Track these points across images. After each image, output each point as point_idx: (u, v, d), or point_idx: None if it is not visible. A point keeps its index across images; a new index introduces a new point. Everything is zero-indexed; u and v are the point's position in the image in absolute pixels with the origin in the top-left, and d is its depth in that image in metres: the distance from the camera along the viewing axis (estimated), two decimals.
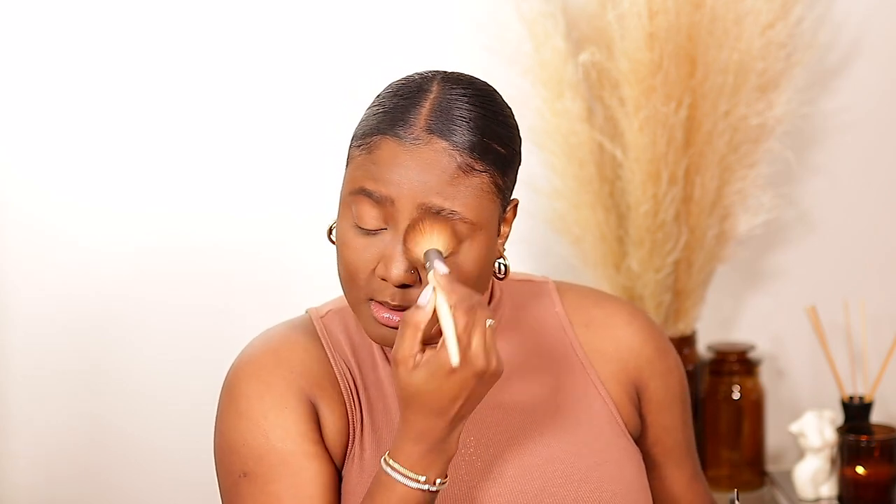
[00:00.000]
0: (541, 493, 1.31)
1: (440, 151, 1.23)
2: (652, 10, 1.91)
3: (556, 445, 1.33)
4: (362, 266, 1.25)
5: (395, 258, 1.23)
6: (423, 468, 1.19)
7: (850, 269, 2.19)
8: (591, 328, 1.42)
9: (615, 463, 1.35)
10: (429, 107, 1.24)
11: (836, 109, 2.16)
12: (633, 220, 1.99)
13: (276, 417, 1.28)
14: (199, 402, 2.02)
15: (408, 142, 1.23)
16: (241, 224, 2.08)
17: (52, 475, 2.08)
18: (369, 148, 1.25)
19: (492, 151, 1.25)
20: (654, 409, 1.42)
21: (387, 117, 1.25)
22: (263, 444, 1.28)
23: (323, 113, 2.06)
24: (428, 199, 1.22)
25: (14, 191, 2.03)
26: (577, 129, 1.98)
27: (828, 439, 1.97)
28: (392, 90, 1.29)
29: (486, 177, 1.24)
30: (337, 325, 1.37)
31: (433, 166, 1.22)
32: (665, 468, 1.46)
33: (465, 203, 1.23)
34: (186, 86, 2.05)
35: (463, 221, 1.23)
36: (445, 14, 2.07)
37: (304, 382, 1.31)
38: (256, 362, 1.32)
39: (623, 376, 1.40)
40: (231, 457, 1.30)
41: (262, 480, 1.27)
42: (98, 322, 2.06)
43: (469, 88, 1.27)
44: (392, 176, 1.23)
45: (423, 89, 1.26)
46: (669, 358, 1.44)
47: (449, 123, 1.23)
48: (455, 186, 1.22)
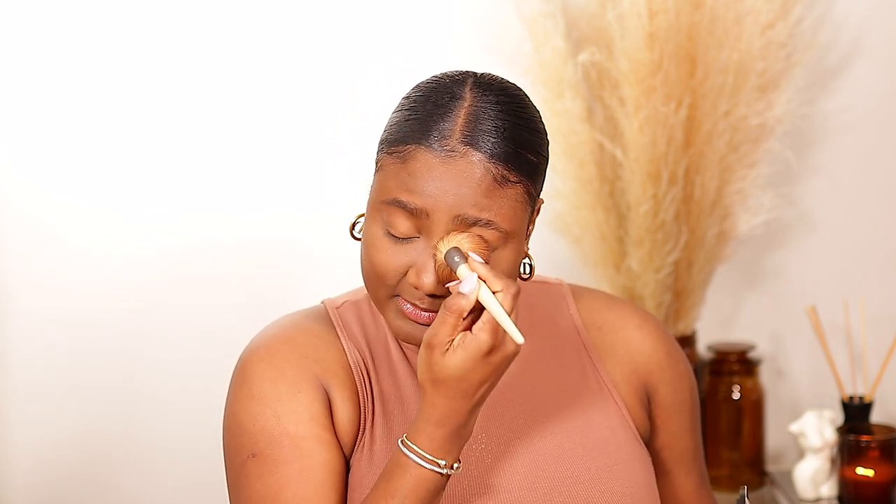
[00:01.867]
0: (550, 492, 1.31)
1: (475, 164, 1.23)
2: (652, 10, 1.91)
3: (567, 446, 1.34)
4: (392, 270, 1.26)
5: (429, 268, 1.24)
6: (444, 452, 1.20)
7: (850, 269, 2.19)
8: (604, 331, 1.43)
9: (625, 465, 1.35)
10: (464, 116, 1.24)
11: (836, 109, 2.16)
12: (633, 220, 1.99)
13: (289, 401, 1.29)
14: (199, 403, 2.03)
15: (443, 154, 1.23)
16: (241, 225, 2.08)
17: (52, 475, 2.08)
18: (403, 158, 1.25)
19: (525, 161, 1.25)
20: (662, 413, 1.43)
21: (420, 126, 1.25)
22: (275, 427, 1.28)
23: (323, 113, 2.06)
24: (463, 211, 1.23)
25: (14, 191, 2.03)
26: (577, 129, 1.98)
27: (828, 439, 1.97)
28: (423, 94, 1.28)
29: (521, 187, 1.25)
30: (352, 316, 1.37)
31: (469, 178, 1.22)
32: (673, 474, 1.46)
33: (500, 213, 1.24)
34: (187, 86, 2.05)
35: (498, 231, 1.24)
36: (445, 14, 2.07)
37: (318, 369, 1.32)
38: (271, 347, 1.32)
39: (634, 379, 1.41)
40: (241, 438, 1.30)
41: (271, 462, 1.27)
42: (98, 322, 2.06)
43: (502, 95, 1.27)
44: (428, 188, 1.23)
45: (456, 97, 1.26)
46: (680, 365, 1.45)
47: (484, 134, 1.23)
48: (490, 198, 1.23)
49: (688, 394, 1.45)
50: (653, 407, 1.43)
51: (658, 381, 1.42)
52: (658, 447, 1.44)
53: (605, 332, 1.43)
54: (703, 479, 1.49)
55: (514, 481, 1.31)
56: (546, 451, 1.33)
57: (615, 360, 1.41)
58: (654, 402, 1.43)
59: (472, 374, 1.18)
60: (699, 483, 1.48)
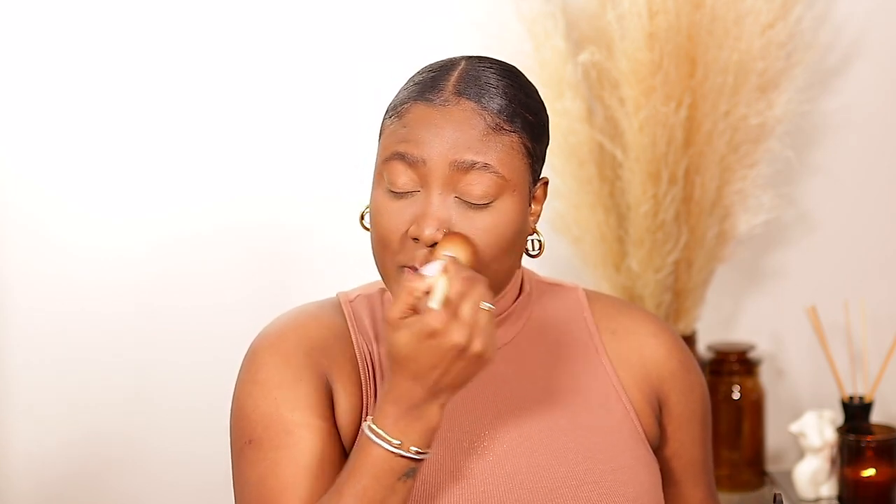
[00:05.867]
0: (551, 493, 1.31)
1: (469, 111, 1.25)
2: (652, 10, 1.91)
3: (572, 447, 1.34)
4: (394, 229, 1.27)
5: (428, 217, 1.24)
6: (398, 432, 1.19)
7: (850, 269, 2.19)
8: (618, 335, 1.42)
9: (629, 469, 1.35)
10: (458, 74, 1.28)
11: (836, 109, 2.16)
12: (633, 220, 1.99)
13: (289, 389, 1.30)
14: (199, 404, 2.03)
15: (437, 103, 1.26)
16: (241, 225, 2.08)
17: (51, 476, 2.08)
18: (399, 114, 1.28)
19: (520, 116, 1.27)
20: (673, 422, 1.42)
21: (416, 87, 1.29)
22: (273, 413, 1.29)
23: (322, 114, 2.06)
24: (460, 156, 1.24)
25: (14, 191, 2.03)
26: (577, 128, 1.98)
27: (828, 439, 1.97)
28: (422, 70, 1.32)
29: (517, 136, 1.27)
30: (364, 310, 1.38)
31: (463, 124, 1.25)
32: (681, 485, 1.45)
33: (497, 157, 1.25)
34: (187, 87, 2.05)
35: (496, 175, 1.25)
36: (445, 14, 2.07)
37: (324, 359, 1.32)
38: (280, 335, 1.34)
39: (646, 385, 1.40)
40: (242, 422, 1.31)
41: (265, 447, 1.29)
42: (98, 323, 2.06)
43: (496, 64, 1.30)
44: (423, 136, 1.25)
45: (451, 63, 1.30)
46: (692, 375, 1.44)
47: (478, 88, 1.26)
48: (486, 143, 1.25)
49: (699, 405, 1.44)
50: (664, 415, 1.42)
51: (670, 389, 1.41)
52: (667, 456, 1.43)
53: (619, 336, 1.42)
54: (711, 491, 1.48)
55: (516, 481, 1.31)
56: (548, 452, 1.33)
57: (627, 364, 1.40)
58: (665, 410, 1.42)
59: (419, 354, 1.17)
60: (707, 496, 1.47)
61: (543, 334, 1.39)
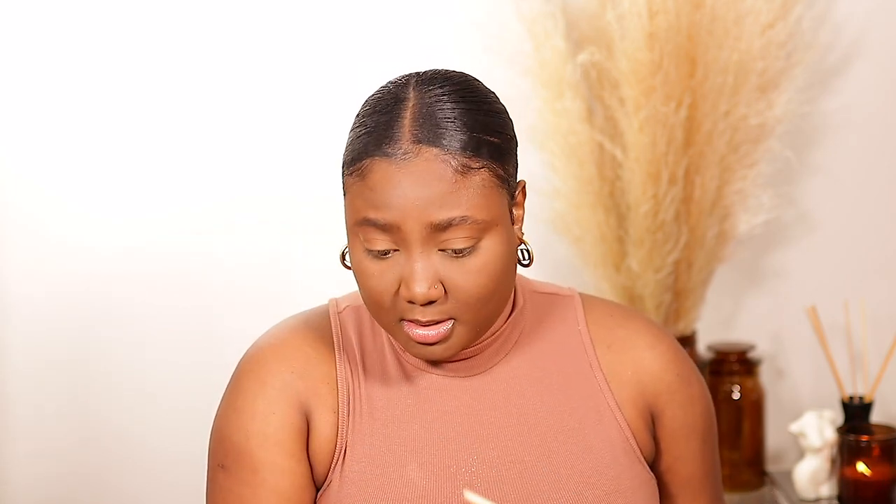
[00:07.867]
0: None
1: (432, 159, 1.20)
2: (652, 10, 1.91)
3: (565, 472, 1.31)
4: (384, 290, 1.24)
5: (415, 278, 1.22)
6: None
7: (850, 269, 2.19)
8: (614, 349, 1.37)
9: (628, 492, 1.32)
10: (410, 116, 1.21)
11: (836, 109, 2.16)
12: (633, 220, 1.99)
13: (261, 423, 1.30)
14: (197, 403, 2.03)
15: (398, 158, 1.20)
16: (238, 225, 2.08)
17: (51, 475, 2.08)
18: (362, 174, 1.22)
19: (485, 144, 1.22)
20: (667, 436, 1.37)
21: (371, 138, 1.22)
22: (243, 445, 1.30)
23: (322, 114, 2.06)
24: (434, 216, 1.20)
25: (14, 191, 2.03)
26: (577, 129, 1.98)
27: (828, 439, 1.97)
28: (370, 107, 1.25)
29: (486, 172, 1.22)
30: (351, 323, 1.36)
31: (429, 177, 1.20)
32: (678, 499, 1.40)
33: (471, 205, 1.21)
34: (187, 88, 2.05)
35: (475, 223, 1.21)
36: (445, 14, 2.07)
37: (302, 385, 1.31)
38: (261, 358, 1.33)
39: (640, 400, 1.36)
40: (216, 445, 1.32)
41: (233, 479, 1.30)
42: (97, 323, 2.06)
43: (447, 85, 1.24)
44: (392, 199, 1.20)
45: (400, 99, 1.23)
46: (693, 387, 1.39)
47: (434, 128, 1.21)
48: (457, 192, 1.20)
49: (699, 418, 1.39)
50: (657, 429, 1.37)
51: (665, 403, 1.37)
52: (662, 470, 1.39)
53: (615, 350, 1.37)
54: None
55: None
56: (542, 477, 1.30)
57: (622, 380, 1.36)
58: (658, 423, 1.37)
59: None
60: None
61: (536, 352, 1.35)
